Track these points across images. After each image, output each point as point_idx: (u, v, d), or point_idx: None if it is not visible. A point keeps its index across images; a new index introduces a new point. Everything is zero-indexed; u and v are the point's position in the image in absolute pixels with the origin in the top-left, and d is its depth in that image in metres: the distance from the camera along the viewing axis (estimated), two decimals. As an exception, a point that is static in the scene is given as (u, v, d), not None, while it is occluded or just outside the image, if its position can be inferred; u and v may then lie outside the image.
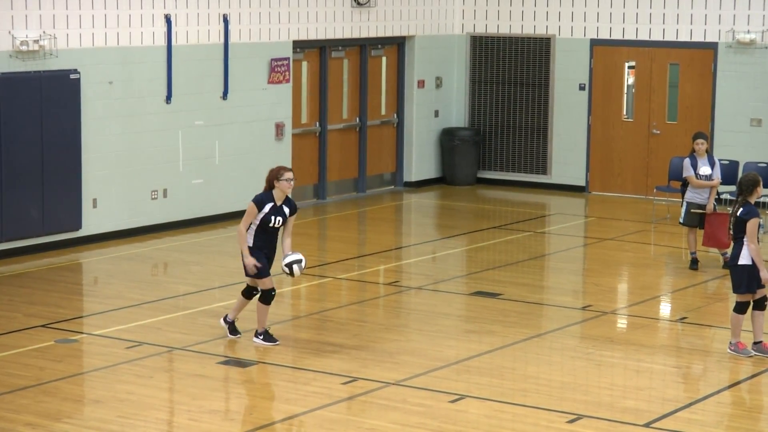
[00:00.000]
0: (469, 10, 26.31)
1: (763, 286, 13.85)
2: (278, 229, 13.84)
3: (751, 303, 13.95)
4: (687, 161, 18.67)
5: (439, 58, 26.23)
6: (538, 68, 25.85)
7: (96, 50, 19.22)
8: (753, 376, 13.42)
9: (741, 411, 12.70)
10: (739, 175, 18.91)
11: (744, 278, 13.91)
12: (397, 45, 25.47)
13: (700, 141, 18.75)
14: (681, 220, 18.84)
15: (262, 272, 13.91)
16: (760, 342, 13.99)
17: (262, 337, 14.11)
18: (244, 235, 13.86)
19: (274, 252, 14.17)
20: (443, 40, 26.23)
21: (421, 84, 25.85)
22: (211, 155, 21.26)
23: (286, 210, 13.77)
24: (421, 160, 26.03)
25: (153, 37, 20.14)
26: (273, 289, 14.05)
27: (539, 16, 25.63)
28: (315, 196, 23.73)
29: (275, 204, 13.67)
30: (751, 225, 13.72)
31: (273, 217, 13.74)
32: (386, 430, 11.67)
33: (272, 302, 14.07)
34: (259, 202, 13.71)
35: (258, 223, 13.78)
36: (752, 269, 13.78)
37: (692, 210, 18.42)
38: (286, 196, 13.81)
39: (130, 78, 19.75)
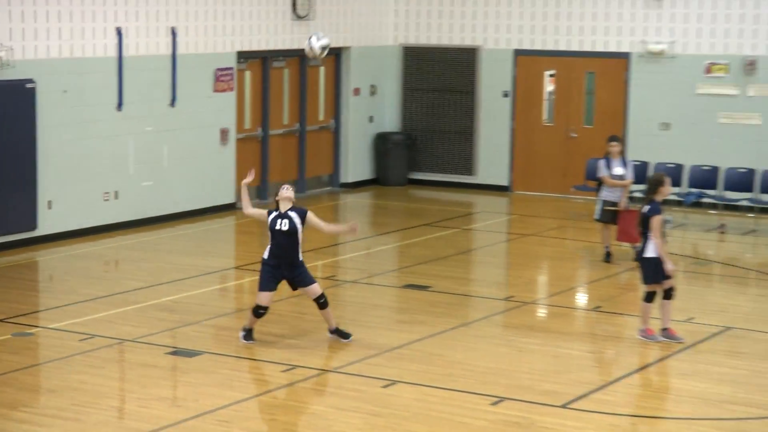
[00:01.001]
0: (401, 23, 26.38)
1: (669, 277, 14.03)
2: (287, 233, 13.63)
3: (661, 293, 14.16)
4: (602, 162, 18.85)
5: (373, 68, 26.30)
6: (465, 76, 25.94)
7: (51, 61, 19.12)
8: (660, 359, 13.59)
9: (649, 392, 12.87)
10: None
11: (651, 270, 14.11)
12: (335, 55, 25.46)
13: (613, 144, 18.93)
14: (596, 217, 19.01)
15: (260, 285, 13.82)
16: (668, 329, 14.17)
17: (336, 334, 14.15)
18: None
19: (289, 263, 13.82)
20: (377, 50, 26.28)
21: (356, 92, 25.91)
22: (159, 159, 21.21)
23: (293, 214, 13.63)
24: (356, 163, 26.09)
25: (105, 49, 20.04)
26: (261, 307, 13.76)
27: (467, 28, 25.72)
28: (257, 196, 23.65)
29: (279, 212, 13.65)
30: (654, 221, 13.91)
31: (278, 221, 13.59)
32: (323, 414, 11.73)
33: (259, 318, 13.87)
34: (269, 211, 13.78)
35: (268, 230, 13.74)
36: (658, 262, 13.96)
37: (606, 207, 18.60)
38: (293, 205, 13.77)
39: (84, 87, 19.65)
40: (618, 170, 18.74)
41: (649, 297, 14.26)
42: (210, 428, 11.10)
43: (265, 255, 13.80)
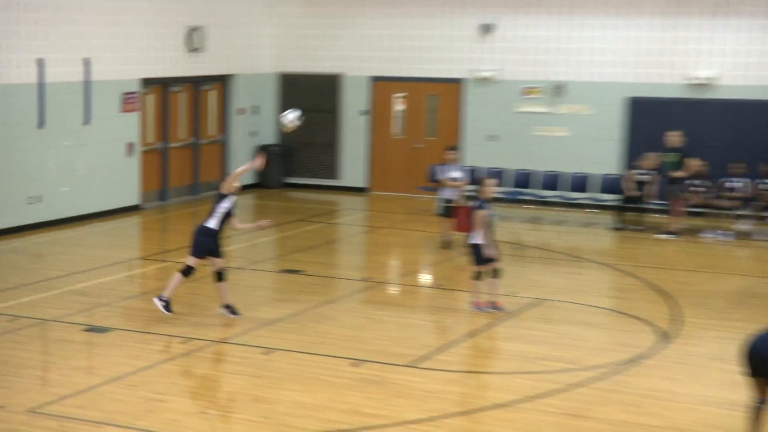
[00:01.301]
0: (278, 54, 26.30)
1: (493, 260, 14.28)
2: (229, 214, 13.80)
3: (490, 272, 14.44)
4: (441, 168, 19.13)
5: (255, 91, 26.22)
6: (330, 98, 26.02)
7: (-20, 87, 18.91)
8: (488, 326, 13.80)
9: (479, 352, 13.12)
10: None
11: (476, 254, 14.37)
12: (223, 81, 25.38)
13: (450, 152, 19.24)
14: (436, 212, 19.24)
15: (197, 252, 13.82)
16: (493, 301, 14.44)
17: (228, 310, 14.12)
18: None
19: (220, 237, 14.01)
20: (258, 77, 26.21)
21: (241, 111, 25.83)
22: (75, 168, 20.93)
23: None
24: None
25: (28, 77, 19.75)
26: (192, 267, 13.84)
27: (331, 59, 25.77)
28: (159, 198, 23.50)
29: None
30: (476, 216, 14.24)
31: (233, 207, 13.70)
32: (214, 377, 11.84)
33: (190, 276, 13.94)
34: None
35: (227, 210, 13.74)
36: (480, 247, 14.27)
37: (445, 204, 18.84)
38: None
39: (10, 109, 19.38)
40: (454, 174, 19.02)
41: (477, 275, 14.42)
42: (120, 391, 11.06)
43: (213, 225, 13.76)
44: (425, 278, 17.48)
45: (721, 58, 22.40)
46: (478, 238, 14.35)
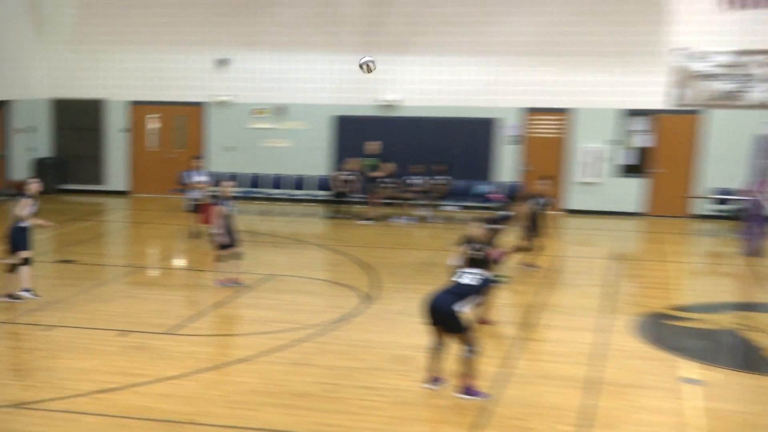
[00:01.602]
0: (50, 82, 25.21)
1: (233, 245, 14.12)
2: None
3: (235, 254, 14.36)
4: (188, 173, 18.90)
5: (31, 113, 24.99)
6: (96, 119, 25.16)
7: None
8: (231, 298, 13.72)
9: (225, 319, 13.00)
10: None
11: (219, 242, 14.27)
12: (1, 106, 24.07)
13: (196, 160, 19.14)
14: (185, 209, 18.97)
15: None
16: (236, 279, 14.37)
17: None
18: None
19: None
20: (33, 102, 25.03)
21: (18, 131, 24.57)
22: None
23: None
24: (21, 178, 24.79)
25: None
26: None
27: (97, 86, 24.96)
28: (-49, 205, 22.19)
29: None
30: (215, 211, 13.89)
31: None
32: (1, 352, 11.19)
33: None
34: None
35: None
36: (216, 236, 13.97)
37: (192, 202, 18.68)
38: None
39: None
40: (199, 178, 18.82)
41: (220, 258, 14.24)
42: None
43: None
44: (178, 262, 17.19)
45: (403, 86, 23.09)
46: (217, 229, 14.27)
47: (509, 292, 14.44)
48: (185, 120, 24.74)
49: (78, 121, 25.28)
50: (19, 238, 13.25)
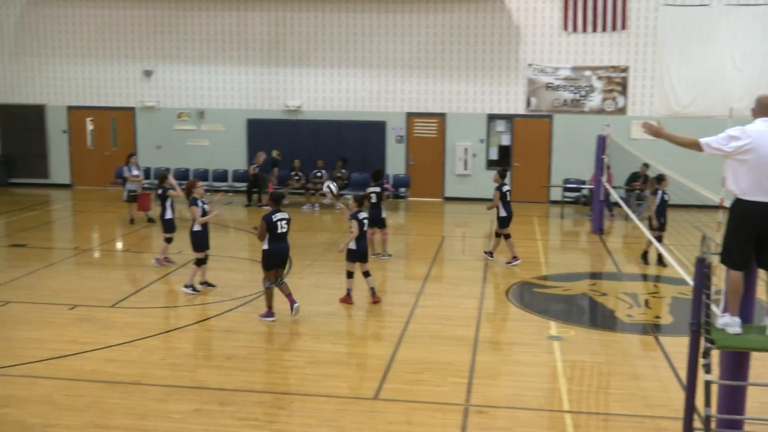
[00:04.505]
0: (-4, 90, 24.12)
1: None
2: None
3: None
4: (126, 168, 18.45)
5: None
6: (39, 121, 24.10)
7: None
8: (165, 275, 13.29)
9: (160, 294, 12.55)
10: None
11: (165, 225, 13.99)
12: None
13: (132, 157, 18.53)
14: (124, 198, 18.52)
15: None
16: (168, 258, 13.96)
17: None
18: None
19: None
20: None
21: (-31, 131, 23.41)
22: None
23: None
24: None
25: None
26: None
27: (38, 93, 23.89)
28: None
29: None
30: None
31: None
32: (-37, 327, 10.61)
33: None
34: None
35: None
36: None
37: (130, 193, 18.21)
38: None
39: None
40: (135, 172, 18.28)
41: (169, 240, 13.86)
42: None
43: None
44: (118, 245, 16.59)
45: (306, 93, 22.86)
46: (167, 214, 13.87)
47: (398, 265, 14.48)
48: (117, 122, 23.90)
49: (22, 124, 24.18)
50: None
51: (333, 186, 13.52)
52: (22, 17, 23.73)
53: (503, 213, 14.34)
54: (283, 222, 10.84)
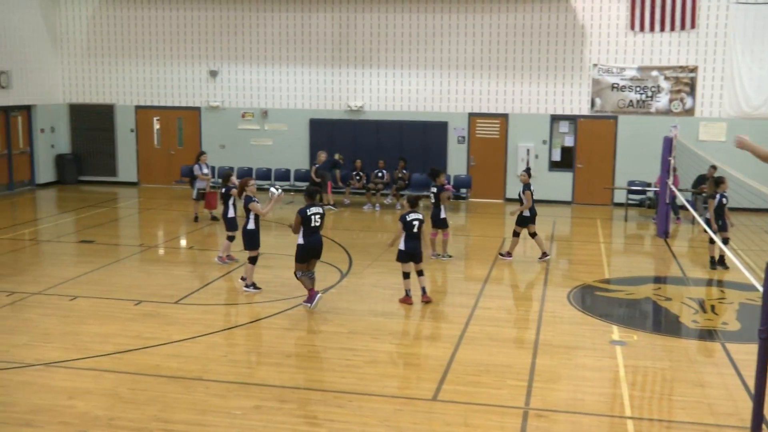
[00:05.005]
0: (67, 89, 24.71)
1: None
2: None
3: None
4: (196, 166, 18.65)
5: (52, 116, 24.46)
6: (108, 120, 24.66)
7: None
8: (228, 272, 13.45)
9: (223, 292, 12.66)
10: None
11: (227, 222, 13.97)
12: (27, 110, 23.55)
13: (202, 155, 18.71)
14: (193, 197, 18.70)
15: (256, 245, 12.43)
16: (231, 255, 14.12)
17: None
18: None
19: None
20: (54, 106, 24.50)
21: (42, 130, 24.05)
22: None
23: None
24: (45, 171, 24.27)
25: None
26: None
27: (108, 93, 24.49)
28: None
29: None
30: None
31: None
32: (33, 319, 10.93)
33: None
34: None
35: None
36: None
37: (199, 191, 18.55)
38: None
39: None
40: (205, 170, 18.59)
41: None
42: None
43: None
44: (182, 242, 16.88)
45: (368, 93, 22.92)
46: (230, 213, 14.05)
47: (461, 267, 14.41)
48: (183, 122, 24.34)
49: (92, 122, 24.82)
50: None
51: (275, 189, 13.42)
52: (94, 19, 24.34)
53: (527, 212, 14.52)
54: (317, 216, 11.22)
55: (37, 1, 23.66)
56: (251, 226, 12.41)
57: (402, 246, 11.73)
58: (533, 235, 14.68)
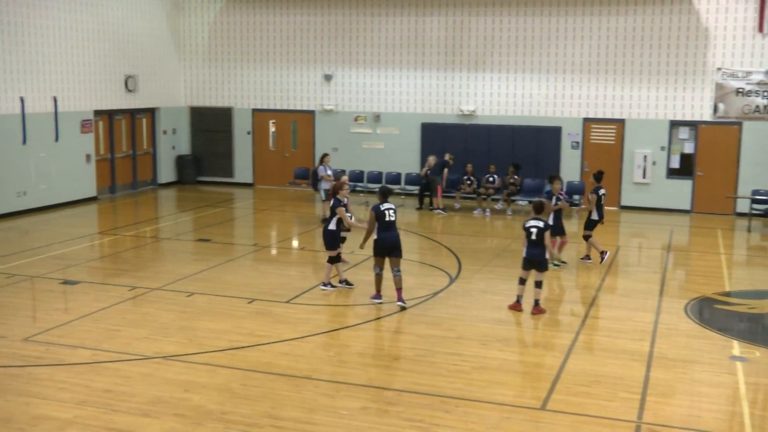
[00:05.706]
0: (188, 93, 25.62)
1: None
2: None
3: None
4: (321, 167, 18.72)
5: (174, 119, 25.39)
6: (226, 122, 25.41)
7: (-19, 116, 17.80)
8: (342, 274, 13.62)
9: (332, 293, 12.85)
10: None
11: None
12: (151, 112, 24.55)
13: (326, 157, 18.87)
14: (323, 198, 18.61)
15: (334, 246, 12.58)
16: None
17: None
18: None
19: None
20: (176, 109, 25.42)
21: (164, 132, 25.01)
22: (49, 172, 20.05)
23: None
24: (166, 172, 25.19)
25: (13, 108, 18.80)
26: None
27: (226, 96, 25.25)
28: (109, 192, 22.69)
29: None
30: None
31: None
32: (152, 313, 11.35)
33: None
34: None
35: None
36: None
37: (324, 191, 18.57)
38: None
39: (1, 132, 18.50)
40: (329, 171, 18.81)
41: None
42: (88, 325, 10.62)
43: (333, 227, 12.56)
44: (294, 243, 17.22)
45: (480, 98, 22.79)
46: (332, 224, 14.06)
47: (573, 275, 14.13)
48: (297, 125, 24.83)
49: (211, 125, 25.64)
50: None
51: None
52: (214, 25, 25.18)
53: (595, 216, 14.69)
54: (391, 211, 11.56)
55: (163, 9, 24.67)
56: (332, 227, 12.55)
57: (524, 252, 11.57)
58: (586, 238, 14.88)
